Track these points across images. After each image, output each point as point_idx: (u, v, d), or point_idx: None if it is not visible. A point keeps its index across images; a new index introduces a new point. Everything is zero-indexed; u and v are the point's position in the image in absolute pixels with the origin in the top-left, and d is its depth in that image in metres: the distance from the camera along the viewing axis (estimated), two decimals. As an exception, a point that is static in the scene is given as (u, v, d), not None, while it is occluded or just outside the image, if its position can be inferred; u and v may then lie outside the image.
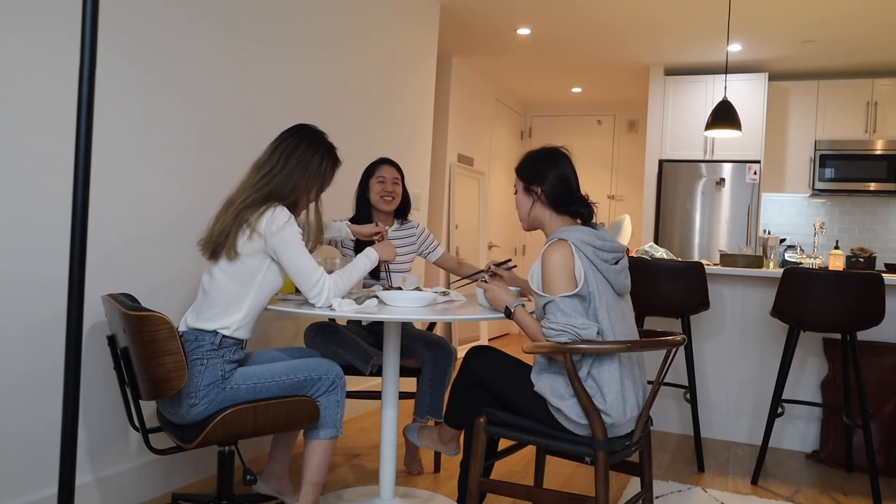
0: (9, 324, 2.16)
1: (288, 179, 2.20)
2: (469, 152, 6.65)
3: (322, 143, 2.31)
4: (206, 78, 2.82)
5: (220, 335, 2.11)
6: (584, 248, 2.03)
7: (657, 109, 6.26)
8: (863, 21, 4.86)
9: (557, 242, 2.04)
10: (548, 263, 2.02)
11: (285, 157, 2.22)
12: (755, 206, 5.89)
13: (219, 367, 2.08)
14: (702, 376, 3.94)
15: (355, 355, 2.77)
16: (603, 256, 2.06)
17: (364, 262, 2.39)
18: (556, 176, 2.17)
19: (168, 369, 1.94)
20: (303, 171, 2.23)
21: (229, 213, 2.16)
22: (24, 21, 2.14)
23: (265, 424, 2.10)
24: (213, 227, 2.19)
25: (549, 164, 2.20)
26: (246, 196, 2.17)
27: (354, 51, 3.84)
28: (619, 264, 2.12)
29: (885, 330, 3.57)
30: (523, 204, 2.24)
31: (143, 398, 2.03)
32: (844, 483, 3.26)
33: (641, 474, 2.22)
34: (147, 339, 1.91)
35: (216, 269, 2.17)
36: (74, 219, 1.17)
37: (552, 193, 2.17)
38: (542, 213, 2.20)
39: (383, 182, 3.05)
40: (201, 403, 2.04)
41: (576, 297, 1.99)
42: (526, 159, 2.27)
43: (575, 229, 2.07)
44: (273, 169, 2.20)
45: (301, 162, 2.22)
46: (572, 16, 5.05)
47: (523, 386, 2.12)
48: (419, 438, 2.59)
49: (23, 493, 2.22)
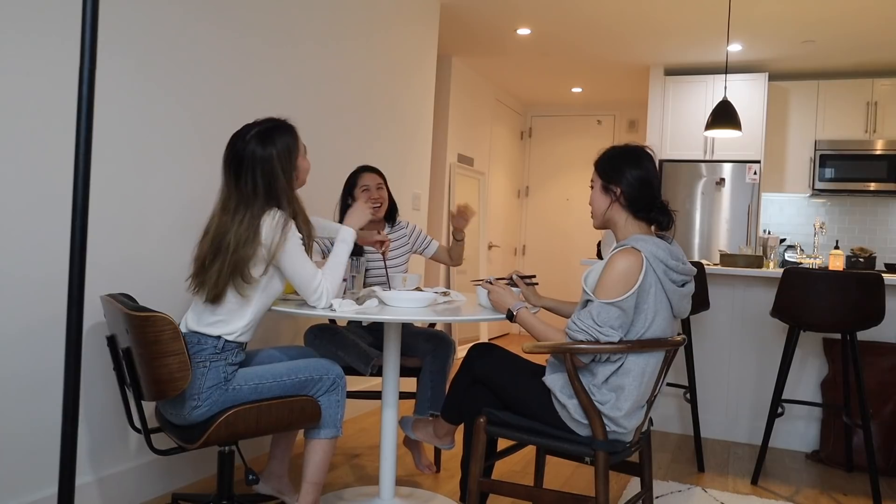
0: (9, 324, 2.16)
1: (260, 189, 2.10)
2: (469, 152, 6.65)
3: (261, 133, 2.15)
4: (205, 78, 2.82)
5: (223, 339, 2.10)
6: (656, 265, 1.94)
7: (657, 109, 6.26)
8: (863, 21, 4.86)
9: (631, 251, 1.94)
10: (612, 267, 1.93)
11: (238, 171, 2.11)
12: (755, 206, 5.89)
13: (221, 369, 2.07)
14: (702, 376, 3.94)
15: (355, 357, 2.77)
16: (672, 277, 1.98)
17: (343, 247, 2.31)
18: (639, 178, 2.05)
19: (172, 370, 1.93)
20: (267, 170, 2.11)
21: (226, 262, 2.05)
22: (24, 20, 2.14)
23: (268, 424, 2.10)
24: (209, 274, 2.08)
25: (632, 164, 2.06)
26: (235, 237, 2.06)
27: (354, 51, 3.84)
28: (686, 287, 2.04)
29: (885, 330, 3.57)
30: (600, 202, 2.11)
31: (146, 399, 2.02)
32: (844, 483, 3.26)
33: (641, 474, 2.22)
34: (151, 340, 1.90)
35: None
36: (74, 219, 1.17)
37: (632, 196, 2.05)
38: (618, 215, 2.08)
39: (368, 190, 3.05)
40: (204, 405, 2.04)
41: (615, 307, 1.90)
42: (607, 154, 2.13)
43: (651, 241, 1.97)
44: (240, 193, 2.10)
45: (257, 166, 2.11)
46: (572, 16, 5.05)
47: (527, 383, 2.12)
48: (414, 431, 2.59)
49: (23, 493, 2.22)
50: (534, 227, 8.16)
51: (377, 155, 4.12)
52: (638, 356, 1.97)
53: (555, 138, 8.09)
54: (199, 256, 2.15)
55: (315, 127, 3.53)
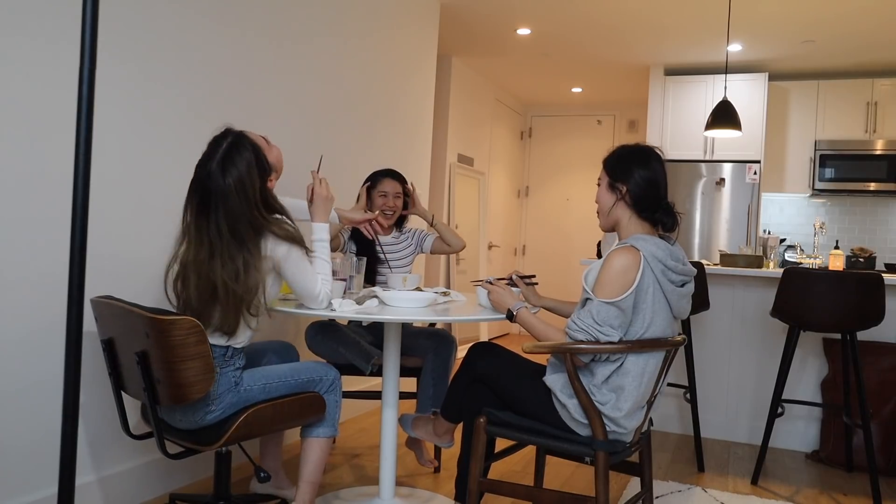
0: (9, 324, 2.16)
1: (240, 209, 2.02)
2: (469, 152, 6.65)
3: (229, 147, 2.04)
4: (204, 79, 2.82)
5: (231, 348, 2.10)
6: (654, 264, 1.94)
7: (657, 109, 6.26)
8: (863, 21, 4.86)
9: (629, 248, 1.95)
10: (610, 265, 1.93)
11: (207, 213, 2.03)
12: (755, 206, 5.89)
13: (230, 374, 2.08)
14: (702, 376, 3.94)
15: (356, 354, 2.77)
16: (671, 277, 1.98)
17: (321, 245, 2.25)
18: (645, 178, 2.05)
19: (197, 373, 1.90)
20: (242, 184, 2.01)
21: (229, 304, 2.01)
22: (24, 20, 2.13)
23: (282, 420, 2.14)
24: (212, 320, 2.04)
25: (640, 163, 2.07)
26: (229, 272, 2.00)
27: (354, 51, 3.83)
28: (685, 288, 2.04)
29: (885, 330, 3.57)
30: (605, 200, 2.11)
31: (163, 403, 1.97)
32: (844, 483, 3.26)
33: (641, 474, 2.22)
34: (176, 344, 1.87)
35: None
36: (74, 219, 1.17)
37: (637, 196, 2.05)
38: (622, 213, 2.08)
39: (385, 196, 3.14)
40: (218, 409, 2.04)
41: (614, 306, 1.91)
42: (616, 153, 2.13)
43: (651, 240, 1.98)
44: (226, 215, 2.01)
45: (234, 182, 2.01)
46: (572, 16, 5.05)
47: (527, 383, 2.12)
48: (413, 429, 2.59)
49: (23, 493, 2.22)
50: (534, 227, 8.16)
51: (377, 155, 4.12)
52: (638, 356, 1.97)
53: (555, 138, 8.09)
54: (186, 300, 2.07)
55: (315, 127, 3.53)
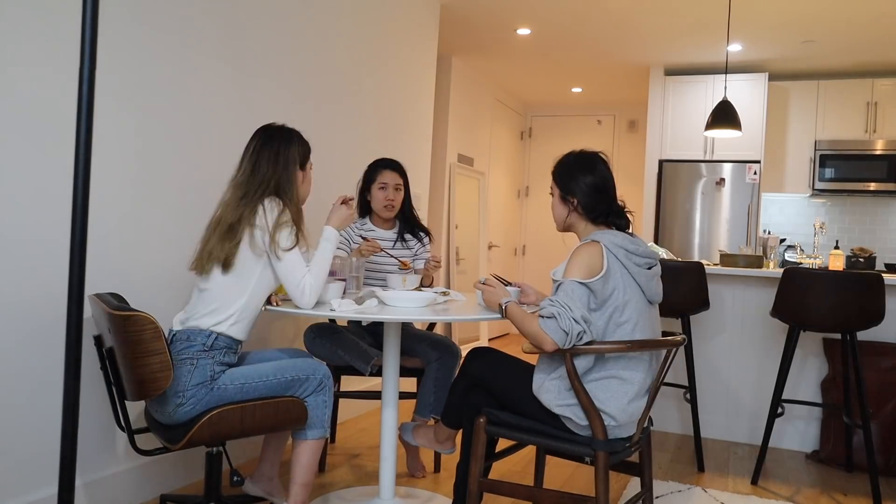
0: (8, 324, 2.16)
1: (267, 179, 2.22)
2: (469, 152, 6.65)
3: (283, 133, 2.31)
4: (204, 79, 2.82)
5: (213, 334, 2.11)
6: (616, 250, 2.01)
7: (657, 109, 6.26)
8: (863, 21, 4.86)
9: (591, 243, 2.03)
10: (574, 256, 2.01)
11: (255, 159, 2.24)
12: (755, 206, 5.89)
13: (208, 367, 2.08)
14: (702, 376, 3.94)
15: (356, 356, 2.77)
16: (635, 260, 2.03)
17: (326, 245, 2.32)
18: (592, 185, 2.13)
19: (154, 369, 1.93)
20: (277, 165, 2.24)
21: (218, 231, 2.17)
22: (24, 20, 2.13)
23: (252, 425, 2.09)
24: (204, 249, 2.20)
25: (585, 171, 2.15)
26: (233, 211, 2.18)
27: (354, 51, 3.83)
28: (652, 270, 2.09)
29: (885, 330, 3.57)
30: (559, 212, 2.21)
31: (129, 399, 2.02)
32: (844, 483, 3.26)
33: (641, 474, 2.22)
34: (133, 340, 1.90)
35: (212, 274, 2.17)
36: (74, 218, 1.17)
37: (588, 205, 2.13)
38: (576, 221, 2.18)
39: (384, 189, 3.04)
40: (188, 403, 2.04)
41: (585, 286, 1.95)
42: (563, 163, 2.22)
43: (609, 233, 2.06)
44: (251, 175, 2.22)
45: (271, 159, 2.24)
46: (572, 16, 5.05)
47: (524, 385, 2.12)
48: (414, 437, 2.59)
49: (23, 493, 2.22)
50: (534, 227, 8.16)
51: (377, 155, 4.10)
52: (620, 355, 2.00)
53: (555, 138, 8.09)
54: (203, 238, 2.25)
55: (315, 127, 3.53)
